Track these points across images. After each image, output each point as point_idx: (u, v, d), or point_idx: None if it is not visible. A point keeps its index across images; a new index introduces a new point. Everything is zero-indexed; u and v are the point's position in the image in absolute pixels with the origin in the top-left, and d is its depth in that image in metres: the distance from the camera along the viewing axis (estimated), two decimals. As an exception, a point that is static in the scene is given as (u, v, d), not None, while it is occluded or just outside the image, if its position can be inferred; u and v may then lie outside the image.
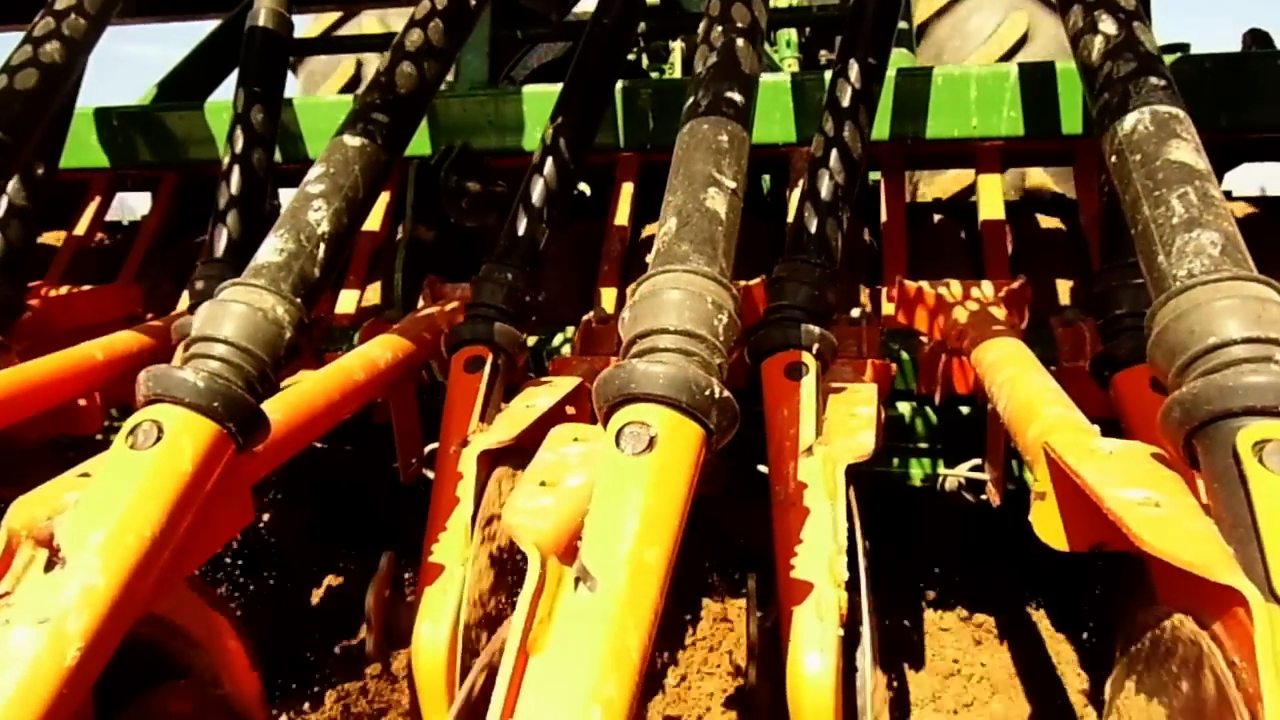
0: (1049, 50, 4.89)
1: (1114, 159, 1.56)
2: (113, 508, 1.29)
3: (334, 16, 5.63)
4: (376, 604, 1.81)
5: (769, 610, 1.62)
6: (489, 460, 1.85)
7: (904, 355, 2.70)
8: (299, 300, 1.56)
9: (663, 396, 1.22)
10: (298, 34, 3.53)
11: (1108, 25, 1.80)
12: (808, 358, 1.90)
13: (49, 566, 1.24)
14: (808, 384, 1.86)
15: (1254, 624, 0.99)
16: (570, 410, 2.15)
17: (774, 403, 1.88)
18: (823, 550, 1.57)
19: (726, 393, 1.26)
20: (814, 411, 1.83)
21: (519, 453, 1.84)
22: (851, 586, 1.55)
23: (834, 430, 1.84)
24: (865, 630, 1.59)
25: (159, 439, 1.35)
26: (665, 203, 1.52)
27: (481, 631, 1.69)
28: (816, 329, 1.93)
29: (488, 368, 2.11)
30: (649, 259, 1.46)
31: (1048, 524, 1.47)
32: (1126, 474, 1.31)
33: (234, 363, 1.46)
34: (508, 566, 1.77)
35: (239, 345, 1.48)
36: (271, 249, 1.61)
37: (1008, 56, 5.06)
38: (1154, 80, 1.63)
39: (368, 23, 5.68)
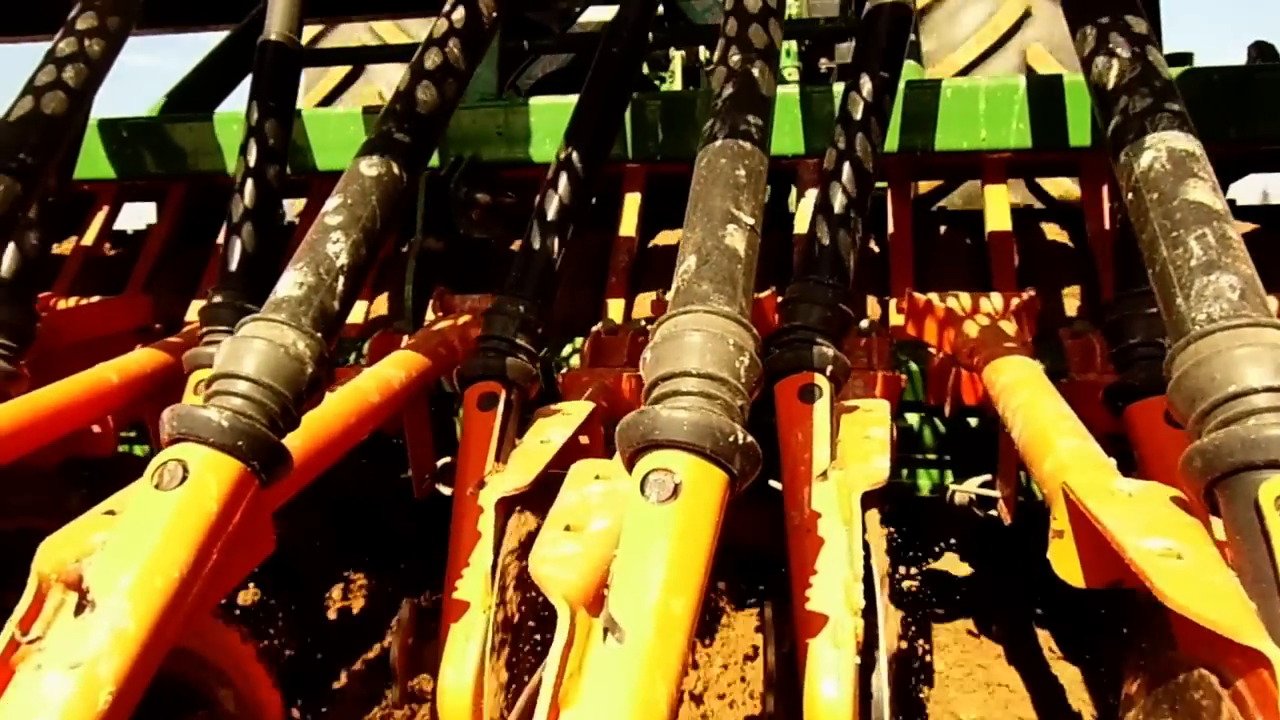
0: (1049, 32, 4.86)
1: (1130, 196, 1.56)
2: (140, 549, 1.30)
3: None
4: (401, 654, 1.82)
5: (785, 637, 1.63)
6: (506, 506, 1.86)
7: (913, 367, 2.72)
8: (319, 335, 1.56)
9: (687, 443, 1.22)
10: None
11: (1121, 51, 1.80)
12: (821, 380, 1.90)
13: (79, 610, 1.25)
14: (821, 407, 1.87)
15: (1278, 686, 1.00)
16: (584, 440, 2.15)
17: (788, 425, 1.89)
18: (839, 578, 1.58)
19: (749, 437, 1.27)
20: (828, 435, 1.84)
21: (537, 493, 1.85)
22: (867, 613, 1.56)
23: (848, 454, 1.85)
24: (881, 656, 1.60)
25: (184, 479, 1.36)
26: (683, 239, 1.53)
27: (505, 677, 1.70)
28: (830, 350, 1.93)
29: (501, 405, 2.11)
30: (668, 297, 1.46)
31: (1066, 561, 1.48)
32: (1147, 520, 1.32)
33: (256, 400, 1.47)
34: (530, 610, 1.78)
35: (261, 382, 1.48)
36: (291, 283, 1.61)
37: (1006, 38, 5.03)
38: (1169, 114, 1.63)
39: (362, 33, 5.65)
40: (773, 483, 1.87)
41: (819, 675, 1.49)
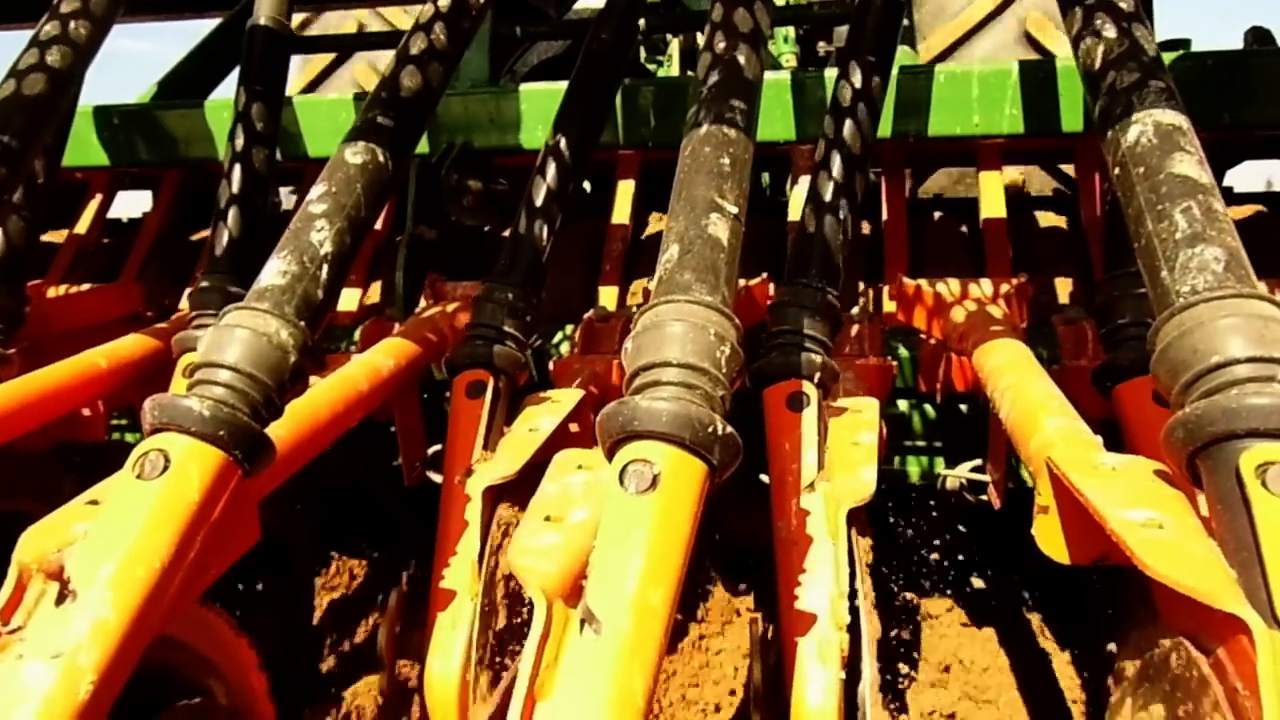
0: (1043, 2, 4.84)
1: (1117, 171, 1.56)
2: (121, 539, 1.30)
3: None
4: (388, 642, 1.82)
5: (771, 650, 1.63)
6: (494, 495, 1.85)
7: (904, 353, 2.71)
8: (303, 323, 1.56)
9: (666, 434, 1.22)
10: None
11: (1109, 30, 1.79)
12: (809, 388, 1.88)
13: (60, 600, 1.26)
14: (809, 416, 1.85)
15: (1257, 652, 1.00)
16: (574, 428, 2.15)
17: (776, 433, 1.88)
18: (824, 592, 1.58)
19: (729, 428, 1.26)
20: (815, 444, 1.82)
21: (525, 482, 1.84)
22: (852, 628, 1.56)
23: (836, 462, 1.83)
24: (866, 670, 1.59)
25: (166, 469, 1.36)
26: (667, 228, 1.52)
27: (491, 666, 1.70)
28: (819, 357, 1.92)
29: (489, 393, 2.10)
30: (650, 286, 1.46)
31: (1050, 537, 1.48)
32: (1130, 493, 1.33)
33: (239, 389, 1.46)
34: (516, 598, 1.78)
35: (243, 371, 1.47)
36: (274, 271, 1.61)
37: (1004, 6, 5.00)
38: (1156, 89, 1.62)
39: (348, 24, 5.64)
40: (763, 477, 1.86)
41: (805, 690, 1.49)
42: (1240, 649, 1.05)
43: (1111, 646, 1.44)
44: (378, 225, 3.40)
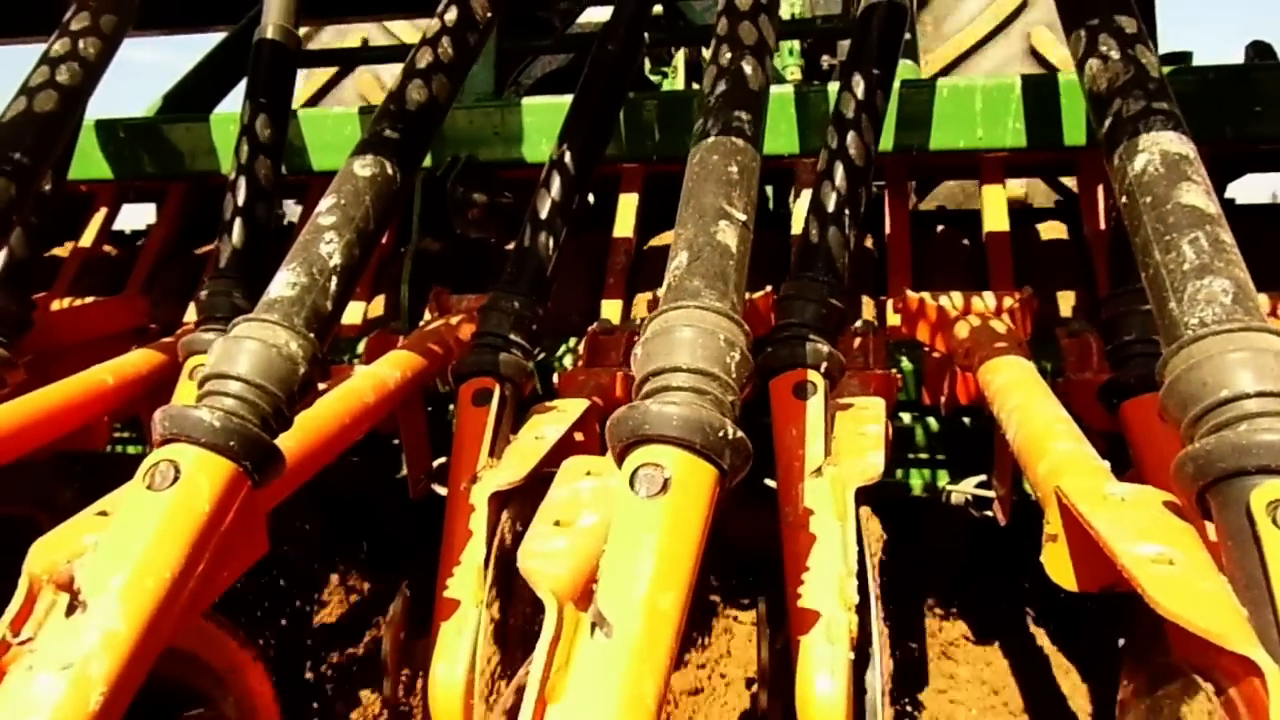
0: (1051, 15, 4.86)
1: (1124, 199, 1.56)
2: (131, 550, 1.30)
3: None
4: (393, 648, 1.82)
5: (779, 633, 1.63)
6: (500, 501, 1.86)
7: (909, 366, 2.71)
8: (312, 335, 1.56)
9: (677, 438, 1.23)
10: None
11: (1113, 53, 1.80)
12: (815, 376, 1.90)
13: (70, 611, 1.25)
14: (815, 404, 1.86)
15: (1269, 695, 1.00)
16: (579, 437, 2.15)
17: (782, 422, 1.89)
18: (833, 573, 1.58)
19: (739, 432, 1.27)
20: (822, 431, 1.84)
21: (530, 489, 1.85)
22: (861, 609, 1.56)
23: (843, 450, 1.85)
24: (875, 652, 1.60)
25: (176, 479, 1.36)
26: (675, 235, 1.53)
27: (498, 672, 1.70)
28: (825, 347, 1.93)
29: (495, 401, 2.11)
30: (660, 293, 1.47)
31: (1059, 565, 1.48)
32: (1139, 526, 1.32)
33: (249, 400, 1.47)
34: (522, 605, 1.78)
35: (253, 382, 1.48)
36: (283, 283, 1.61)
37: (1008, 21, 5.00)
38: (1162, 117, 1.62)
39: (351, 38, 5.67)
40: (768, 481, 1.87)
41: (813, 671, 1.49)
42: (1252, 690, 1.05)
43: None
44: (382, 238, 3.40)
